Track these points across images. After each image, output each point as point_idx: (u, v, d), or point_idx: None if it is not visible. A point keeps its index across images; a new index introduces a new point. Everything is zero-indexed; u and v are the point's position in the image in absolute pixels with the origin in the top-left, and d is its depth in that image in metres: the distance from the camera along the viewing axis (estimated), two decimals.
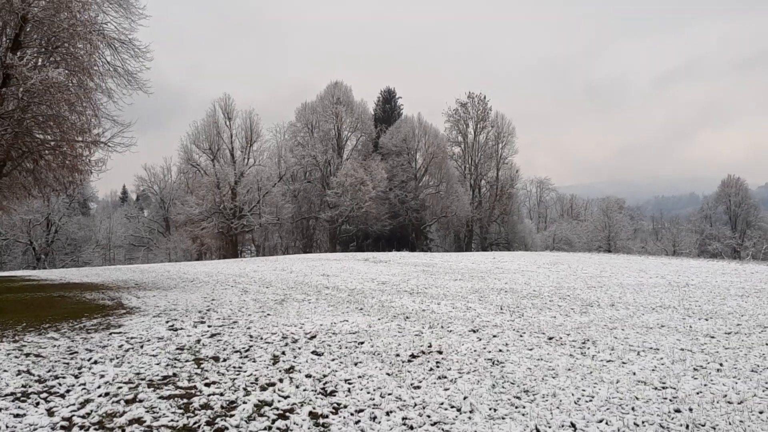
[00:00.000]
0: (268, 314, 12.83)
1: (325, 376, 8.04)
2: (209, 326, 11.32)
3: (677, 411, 6.80)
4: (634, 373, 8.31)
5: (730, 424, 6.44)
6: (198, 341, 10.00)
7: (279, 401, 6.98)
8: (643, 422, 6.47)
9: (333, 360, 8.88)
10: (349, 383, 7.72)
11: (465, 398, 7.14)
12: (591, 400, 7.12)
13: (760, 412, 6.75)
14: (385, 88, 72.66)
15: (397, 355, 9.26)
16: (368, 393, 7.32)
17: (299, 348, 9.62)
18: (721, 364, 8.88)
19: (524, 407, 6.87)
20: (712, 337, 10.85)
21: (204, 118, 56.72)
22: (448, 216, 65.98)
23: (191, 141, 56.75)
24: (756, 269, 26.26)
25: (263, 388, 7.44)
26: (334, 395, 7.24)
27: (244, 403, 6.87)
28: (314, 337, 10.48)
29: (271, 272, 23.38)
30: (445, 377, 8.05)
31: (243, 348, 9.56)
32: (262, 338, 10.30)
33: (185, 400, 6.93)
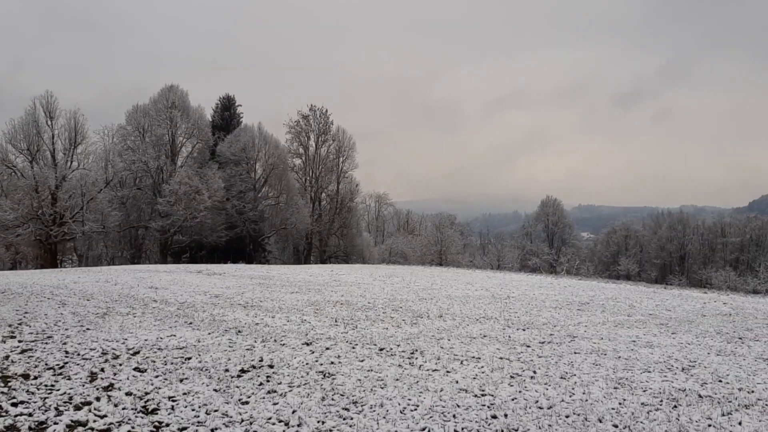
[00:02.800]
0: (88, 329, 11.91)
1: (147, 393, 7.60)
2: (20, 341, 10.27)
3: (494, 417, 7.23)
4: (457, 382, 8.74)
5: (540, 428, 6.95)
6: (6, 357, 9.05)
7: (95, 421, 6.50)
8: (462, 429, 6.80)
9: (157, 377, 8.43)
10: (173, 400, 7.36)
11: (294, 412, 7.09)
12: (416, 409, 7.36)
13: (567, 416, 7.36)
14: (225, 95, 70.65)
15: (227, 370, 9.00)
16: (193, 410, 7.02)
17: (120, 364, 9.02)
18: (534, 372, 9.59)
19: (352, 418, 6.95)
20: (528, 347, 11.69)
21: (23, 116, 51.69)
22: (287, 228, 65.44)
23: (7, 140, 51.36)
24: (568, 283, 28.81)
25: (78, 408, 6.88)
26: (156, 413, 6.87)
27: (56, 423, 6.32)
28: (138, 352, 9.89)
29: (94, 284, 21.76)
30: (275, 391, 7.94)
31: (57, 365, 8.79)
32: (79, 354, 9.53)
33: None
